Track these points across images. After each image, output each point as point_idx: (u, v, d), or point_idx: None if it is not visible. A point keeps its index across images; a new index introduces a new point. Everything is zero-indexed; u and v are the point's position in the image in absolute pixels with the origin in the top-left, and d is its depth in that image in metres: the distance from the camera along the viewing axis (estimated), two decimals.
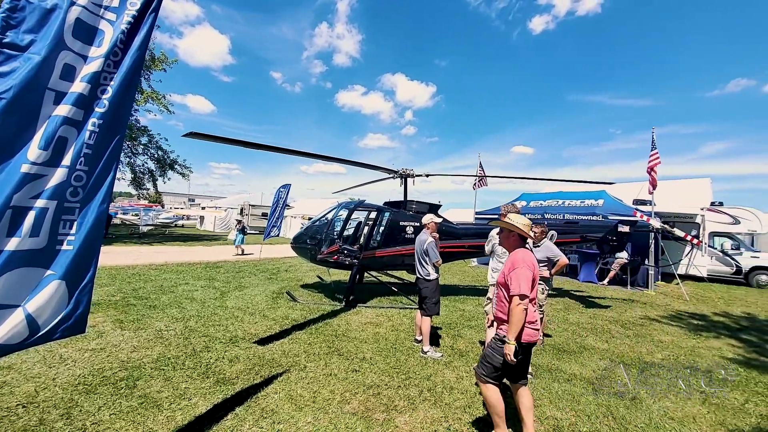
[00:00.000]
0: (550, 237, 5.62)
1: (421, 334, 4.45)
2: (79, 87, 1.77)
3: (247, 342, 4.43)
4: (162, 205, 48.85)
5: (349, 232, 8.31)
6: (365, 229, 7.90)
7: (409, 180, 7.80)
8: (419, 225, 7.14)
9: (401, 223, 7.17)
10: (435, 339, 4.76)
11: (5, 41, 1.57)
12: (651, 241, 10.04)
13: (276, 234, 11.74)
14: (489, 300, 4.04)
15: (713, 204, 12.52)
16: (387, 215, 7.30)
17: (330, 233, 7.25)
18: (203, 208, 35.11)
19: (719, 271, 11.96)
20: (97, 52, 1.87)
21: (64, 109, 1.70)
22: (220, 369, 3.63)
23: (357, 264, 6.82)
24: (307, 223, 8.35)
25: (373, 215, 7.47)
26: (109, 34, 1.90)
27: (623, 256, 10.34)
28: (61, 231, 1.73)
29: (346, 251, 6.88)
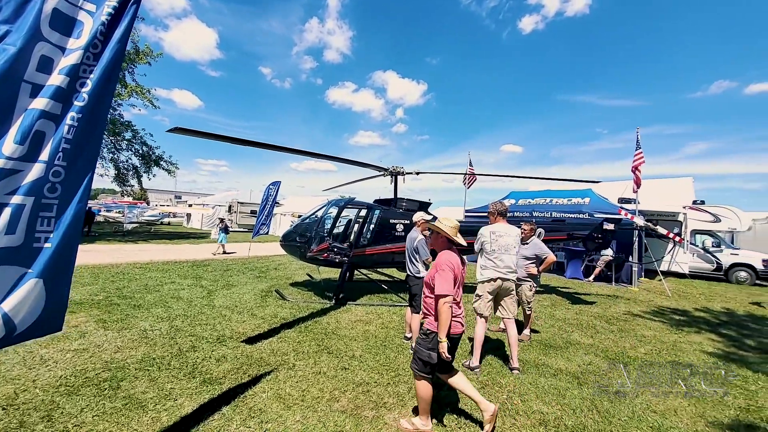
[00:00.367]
0: (538, 234, 5.70)
1: (411, 331, 4.47)
2: (57, 80, 1.71)
3: (235, 341, 4.38)
4: (147, 202, 47.88)
5: (339, 229, 8.28)
6: (355, 227, 7.89)
7: (400, 178, 7.80)
8: (409, 223, 7.17)
9: (391, 221, 7.18)
10: None
11: None
12: (635, 239, 10.28)
13: (265, 232, 11.63)
14: (478, 297, 4.07)
15: (695, 202, 12.88)
16: (377, 213, 7.29)
17: (320, 231, 7.21)
18: (190, 205, 34.50)
19: (700, 268, 12.32)
20: (76, 43, 1.80)
21: (41, 103, 1.64)
22: (206, 369, 3.58)
23: (347, 262, 6.80)
24: (297, 221, 8.28)
25: (363, 213, 7.46)
26: (89, 25, 1.84)
27: (608, 253, 10.56)
28: (39, 228, 1.67)
29: (335, 249, 6.85)
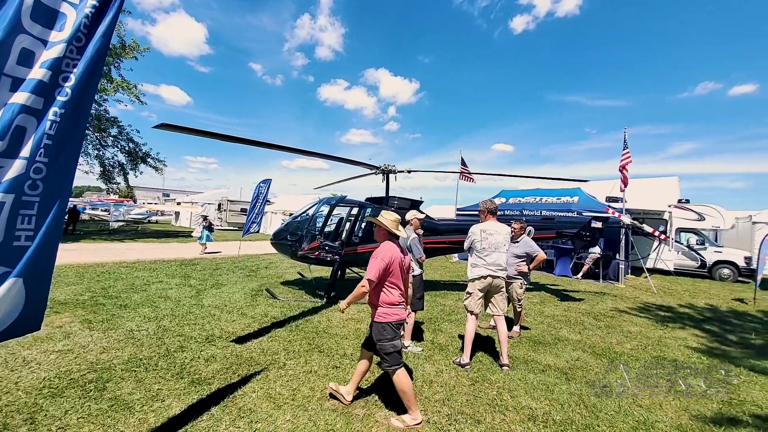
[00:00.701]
0: (528, 233, 5.77)
1: (404, 329, 4.48)
2: (39, 73, 1.66)
3: (225, 341, 4.34)
4: (134, 200, 47.04)
5: (331, 228, 8.25)
6: (347, 225, 7.86)
7: (391, 176, 7.80)
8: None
9: None
10: (416, 334, 4.80)
11: None
12: (622, 237, 10.48)
13: (256, 230, 11.52)
14: (468, 294, 4.10)
15: (680, 201, 13.19)
16: (368, 211, 7.28)
17: (311, 229, 7.17)
18: (179, 203, 33.93)
19: (685, 265, 12.63)
20: (59, 36, 1.75)
21: (21, 97, 1.59)
22: (195, 369, 3.54)
23: (338, 260, 6.78)
24: (288, 219, 8.22)
25: (355, 211, 7.44)
26: (72, 17, 1.79)
27: (596, 251, 10.75)
28: (19, 226, 1.63)
29: (327, 247, 6.83)
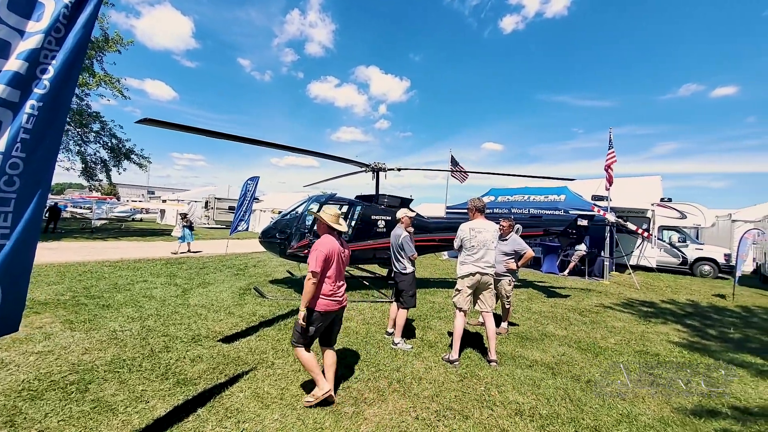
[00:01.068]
0: (516, 231, 5.84)
1: (394, 326, 4.49)
2: (15, 65, 1.61)
3: (211, 340, 4.27)
4: (117, 198, 45.93)
5: None
6: None
7: (382, 174, 7.80)
8: (391, 219, 7.19)
9: (373, 217, 7.17)
10: (406, 331, 4.82)
11: None
12: (607, 234, 10.70)
13: (244, 228, 11.38)
14: (457, 291, 4.13)
15: (663, 200, 13.54)
16: (358, 209, 7.26)
17: (300, 227, 7.11)
18: (164, 201, 33.28)
19: (667, 262, 12.98)
20: (36, 27, 1.70)
21: None
22: (180, 369, 3.48)
23: None
24: (277, 217, 8.14)
25: (345, 209, 7.41)
26: (51, 7, 1.73)
27: (582, 248, 10.95)
28: None
29: None
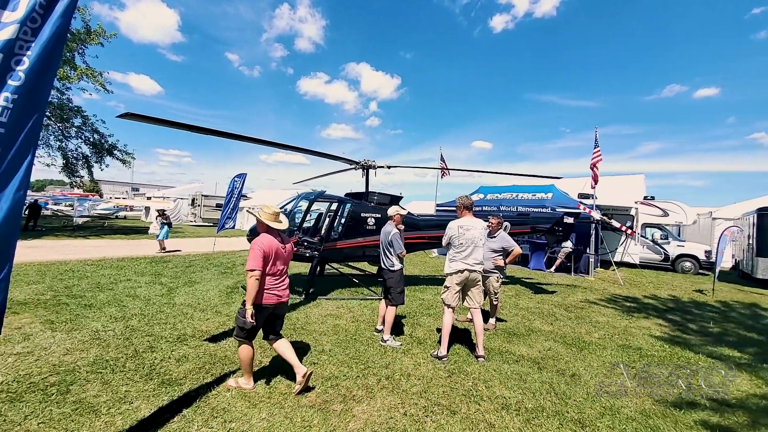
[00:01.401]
0: (504, 228, 5.90)
1: (383, 323, 4.50)
2: None
3: (197, 340, 4.21)
4: (100, 195, 44.81)
5: (310, 223, 8.15)
6: (326, 221, 7.79)
7: (371, 171, 7.78)
8: (381, 216, 7.18)
9: (362, 215, 7.15)
10: (395, 328, 4.83)
11: None
12: (592, 232, 10.91)
13: (231, 226, 11.25)
14: (446, 288, 4.16)
15: (646, 198, 13.86)
16: (348, 206, 7.24)
17: (289, 225, 7.05)
18: (149, 198, 32.58)
19: (650, 259, 13.31)
20: (11, 17, 1.64)
21: None
22: (165, 369, 3.42)
23: (317, 256, 6.71)
24: None
25: (334, 206, 7.37)
26: None
27: (568, 245, 11.15)
28: None
29: (306, 243, 6.74)
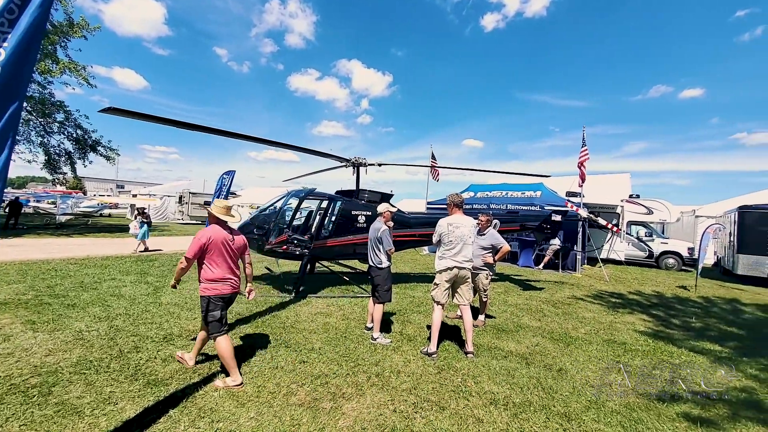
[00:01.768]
0: (494, 226, 5.96)
1: (372, 321, 4.50)
2: None
3: (185, 339, 4.15)
4: (84, 192, 43.74)
5: (300, 221, 8.09)
6: (316, 219, 7.74)
7: (362, 169, 7.75)
8: (371, 214, 7.16)
9: (353, 212, 7.13)
10: (385, 325, 4.85)
11: None
12: (579, 229, 11.09)
13: None
14: (435, 285, 4.18)
15: (631, 196, 14.15)
16: (338, 204, 7.20)
17: (279, 222, 6.99)
18: (134, 195, 31.88)
19: (635, 255, 13.61)
20: None
21: None
22: (151, 370, 3.36)
23: (307, 254, 6.67)
24: (255, 212, 7.97)
25: (325, 204, 7.33)
26: None
27: (556, 242, 11.31)
28: None
29: (295, 241, 6.69)
